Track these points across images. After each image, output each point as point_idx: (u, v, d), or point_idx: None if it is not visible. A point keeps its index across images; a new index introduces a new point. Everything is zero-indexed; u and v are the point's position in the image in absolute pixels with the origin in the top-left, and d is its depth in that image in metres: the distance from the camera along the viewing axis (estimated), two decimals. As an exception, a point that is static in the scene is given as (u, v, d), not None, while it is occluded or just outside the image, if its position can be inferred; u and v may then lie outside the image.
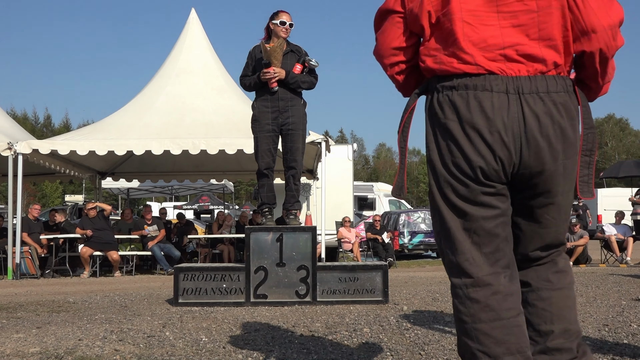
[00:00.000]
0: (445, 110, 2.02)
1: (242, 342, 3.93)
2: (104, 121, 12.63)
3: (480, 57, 1.98)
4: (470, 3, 1.97)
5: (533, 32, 1.98)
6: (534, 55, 1.98)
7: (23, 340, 3.90)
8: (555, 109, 1.99)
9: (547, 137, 1.98)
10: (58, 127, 69.92)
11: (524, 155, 1.99)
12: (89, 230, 11.93)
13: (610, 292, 6.80)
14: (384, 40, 2.15)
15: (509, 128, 1.96)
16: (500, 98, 1.96)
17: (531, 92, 1.98)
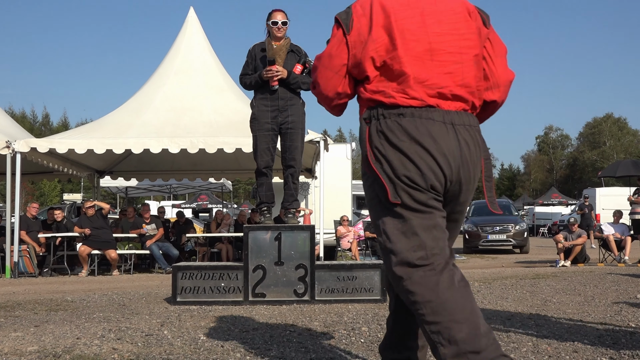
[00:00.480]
0: (397, 133, 2.36)
1: (241, 340, 3.93)
2: (103, 120, 12.62)
3: (423, 94, 2.37)
4: (414, 50, 2.37)
5: (459, 79, 2.41)
6: (460, 96, 2.41)
7: (21, 339, 3.89)
8: (475, 140, 2.44)
9: (473, 161, 2.43)
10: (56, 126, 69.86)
11: (460, 173, 2.40)
12: (87, 229, 11.92)
13: (608, 291, 6.80)
14: (328, 85, 2.52)
15: (451, 151, 2.36)
16: (441, 126, 2.36)
17: (461, 124, 2.40)
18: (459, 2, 2.49)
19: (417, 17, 2.40)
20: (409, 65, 2.36)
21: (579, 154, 77.14)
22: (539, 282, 7.74)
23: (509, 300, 6.01)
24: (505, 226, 19.49)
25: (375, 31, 2.38)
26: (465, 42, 2.44)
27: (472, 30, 2.47)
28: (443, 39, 2.41)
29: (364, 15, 2.41)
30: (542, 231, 35.14)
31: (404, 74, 2.37)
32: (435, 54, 2.39)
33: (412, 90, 2.37)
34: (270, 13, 6.09)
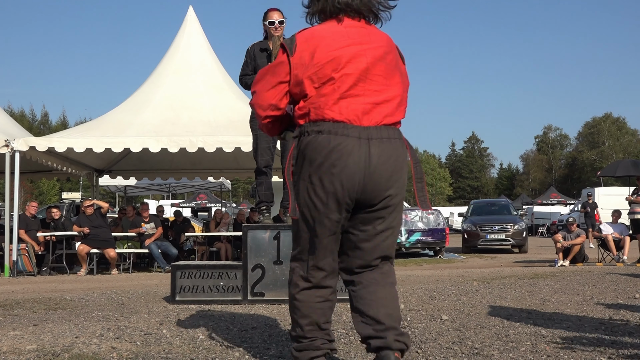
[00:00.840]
0: (313, 147, 2.74)
1: (239, 340, 3.93)
2: (101, 118, 12.62)
3: (346, 110, 2.73)
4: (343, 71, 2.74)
5: (385, 98, 2.80)
6: (383, 112, 2.78)
7: (20, 338, 3.89)
8: (393, 150, 2.78)
9: (386, 172, 2.75)
10: (55, 125, 69.77)
11: (367, 184, 2.73)
12: (86, 228, 11.91)
13: (607, 291, 6.81)
14: (265, 95, 2.86)
15: (357, 163, 2.70)
16: (354, 141, 2.70)
17: (377, 138, 2.74)
18: (387, 40, 2.91)
19: (356, 46, 2.80)
20: (334, 85, 2.75)
21: (577, 153, 77.19)
22: (538, 282, 7.75)
23: (507, 299, 6.01)
24: (504, 226, 19.50)
25: (314, 56, 2.76)
26: (391, 69, 2.88)
27: (395, 60, 2.91)
28: (376, 66, 2.82)
29: (305, 42, 2.79)
30: (541, 231, 35.16)
31: (329, 93, 2.75)
32: (368, 77, 2.80)
33: (336, 108, 2.75)
34: (267, 12, 6.05)
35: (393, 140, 2.80)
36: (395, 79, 2.88)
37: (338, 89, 2.75)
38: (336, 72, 2.75)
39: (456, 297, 6.11)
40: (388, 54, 2.87)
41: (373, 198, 2.77)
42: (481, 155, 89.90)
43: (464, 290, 6.72)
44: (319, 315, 2.88)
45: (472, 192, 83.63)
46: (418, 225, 18.19)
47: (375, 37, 2.87)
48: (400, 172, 2.85)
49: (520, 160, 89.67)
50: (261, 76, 2.90)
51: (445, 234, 18.37)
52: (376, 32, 2.91)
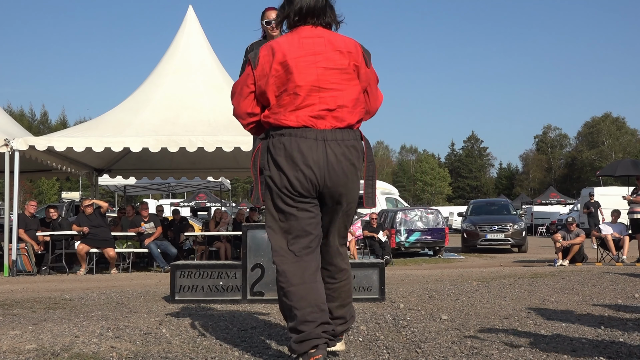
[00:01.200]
0: (277, 149, 3.12)
1: (239, 339, 3.93)
2: (101, 118, 12.62)
3: (303, 117, 3.10)
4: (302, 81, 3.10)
5: (338, 104, 3.14)
6: (336, 117, 3.13)
7: (19, 337, 3.89)
8: (347, 150, 3.13)
9: (341, 168, 3.11)
10: (55, 124, 69.75)
11: (326, 179, 3.10)
12: (85, 227, 11.91)
13: (606, 290, 6.81)
14: (241, 106, 3.27)
15: (316, 162, 3.07)
16: (311, 143, 3.08)
17: (332, 140, 3.11)
18: (344, 45, 3.19)
19: (310, 57, 3.14)
20: (293, 94, 3.12)
21: (577, 153, 77.19)
22: (537, 282, 7.75)
23: (507, 299, 6.02)
24: (504, 225, 19.51)
25: (275, 68, 3.11)
26: (346, 75, 3.19)
27: (352, 68, 3.20)
28: (329, 72, 3.15)
29: (267, 55, 3.15)
30: (540, 230, 35.16)
31: (291, 102, 3.13)
32: (321, 84, 3.13)
33: (294, 114, 3.12)
34: (264, 12, 5.99)
35: (347, 141, 3.16)
36: (351, 83, 3.20)
37: (294, 100, 3.12)
38: (292, 83, 3.11)
39: (455, 297, 6.11)
40: (343, 60, 3.18)
41: (332, 192, 3.16)
42: (481, 155, 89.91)
43: (464, 290, 6.73)
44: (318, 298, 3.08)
45: (472, 191, 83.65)
46: (417, 224, 18.19)
47: (331, 46, 3.19)
48: (352, 170, 3.18)
49: (520, 160, 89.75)
50: (235, 90, 3.30)
51: (445, 233, 18.38)
52: (334, 39, 3.22)
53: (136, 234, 12.67)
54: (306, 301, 3.02)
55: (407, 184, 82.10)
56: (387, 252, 15.32)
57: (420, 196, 79.71)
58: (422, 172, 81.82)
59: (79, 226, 12.04)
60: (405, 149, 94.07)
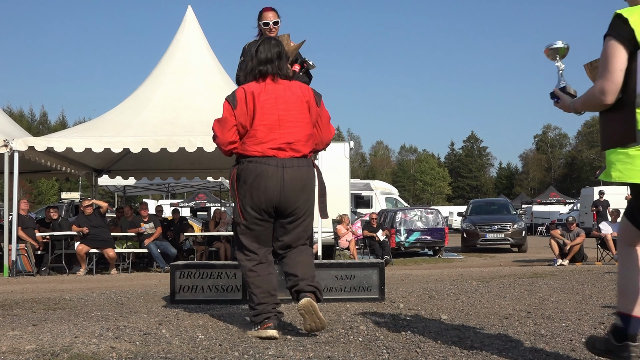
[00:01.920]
0: (247, 173, 4.04)
1: (239, 339, 3.93)
2: (101, 118, 12.62)
3: (267, 149, 4.01)
4: (267, 120, 4.01)
5: (295, 138, 4.05)
6: (293, 149, 4.04)
7: (19, 338, 3.89)
8: (300, 174, 4.05)
9: (294, 190, 4.02)
10: (54, 125, 69.73)
11: (282, 197, 4.01)
12: (85, 228, 11.91)
13: (606, 290, 6.81)
14: (224, 136, 4.10)
15: (276, 184, 3.99)
16: (273, 169, 3.98)
17: (289, 166, 4.01)
18: (299, 91, 4.14)
19: (272, 100, 4.04)
20: (259, 131, 4.01)
21: (577, 152, 77.24)
22: (537, 281, 7.75)
23: (506, 299, 6.02)
24: (503, 225, 19.52)
25: (248, 108, 4.02)
26: (301, 115, 4.09)
27: (305, 108, 4.11)
28: (288, 113, 4.05)
29: (242, 97, 4.06)
30: (540, 230, 35.17)
31: (257, 136, 4.02)
32: (282, 122, 4.03)
33: (260, 147, 4.01)
34: (261, 12, 5.87)
35: (302, 167, 4.07)
36: (304, 121, 4.10)
37: (261, 134, 4.01)
38: (259, 121, 4.01)
39: (455, 297, 6.11)
40: (299, 103, 4.09)
41: (286, 208, 4.05)
42: (480, 155, 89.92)
43: (463, 290, 6.73)
44: (270, 285, 4.11)
45: (472, 191, 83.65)
46: (417, 224, 18.21)
47: (289, 92, 4.11)
48: (306, 189, 4.08)
49: (520, 160, 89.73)
50: (218, 124, 4.15)
51: (445, 233, 18.39)
52: (291, 86, 4.15)
53: (136, 235, 12.66)
54: (261, 289, 4.08)
55: (407, 183, 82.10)
56: (386, 252, 15.32)
57: (420, 196, 79.72)
58: (422, 172, 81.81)
59: (79, 227, 12.04)
60: (405, 149, 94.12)
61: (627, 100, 2.73)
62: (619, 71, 2.72)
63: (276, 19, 5.85)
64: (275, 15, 5.88)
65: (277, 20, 5.85)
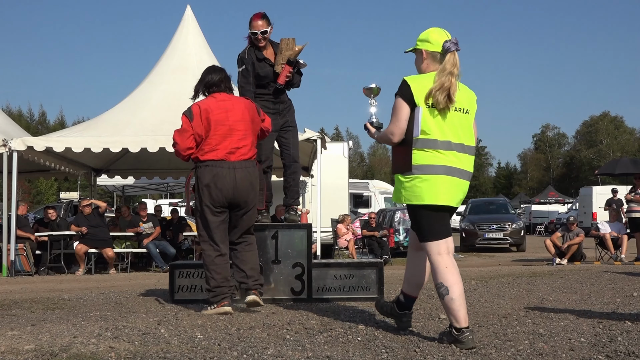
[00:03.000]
0: (205, 175, 4.92)
1: (237, 339, 3.93)
2: (99, 118, 12.61)
3: (220, 154, 4.91)
4: (220, 130, 4.91)
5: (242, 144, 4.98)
6: (242, 153, 4.97)
7: (17, 338, 3.89)
8: (248, 174, 4.97)
9: (245, 186, 4.95)
10: (53, 124, 69.65)
11: (235, 193, 4.93)
12: (84, 228, 11.90)
13: (604, 289, 6.82)
14: (184, 143, 4.96)
15: (229, 183, 4.89)
16: (225, 171, 4.89)
17: (239, 168, 4.93)
18: (244, 105, 5.06)
19: (223, 113, 4.95)
20: (213, 139, 4.90)
21: (575, 152, 77.25)
22: (536, 281, 7.76)
23: (505, 298, 6.02)
24: (502, 224, 19.52)
25: (203, 120, 4.90)
26: (246, 125, 5.01)
27: (250, 119, 5.03)
28: (236, 124, 4.96)
29: (198, 112, 4.93)
30: (539, 229, 35.20)
31: (211, 143, 4.91)
32: (232, 131, 4.94)
33: (214, 153, 4.90)
34: (251, 21, 5.82)
35: (249, 168, 4.99)
36: (249, 131, 5.00)
37: (214, 142, 4.89)
38: (213, 131, 4.89)
39: (454, 296, 6.10)
40: (245, 115, 4.99)
41: (239, 202, 4.96)
42: (479, 154, 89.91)
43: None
44: (226, 271, 4.98)
45: (470, 190, 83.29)
46: (416, 224, 18.18)
47: (236, 105, 5.01)
48: (253, 186, 5.01)
49: (518, 159, 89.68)
50: (178, 134, 4.98)
51: (444, 232, 18.36)
52: (237, 100, 5.09)
53: (135, 234, 12.65)
54: (221, 275, 4.93)
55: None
56: (385, 251, 15.32)
57: (419, 196, 79.62)
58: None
59: (78, 226, 12.04)
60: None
61: (408, 141, 3.74)
62: (403, 120, 3.74)
63: (265, 29, 5.78)
64: (265, 23, 5.79)
65: (265, 30, 5.79)
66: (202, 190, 4.90)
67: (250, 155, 5.02)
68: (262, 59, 5.92)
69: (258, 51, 5.91)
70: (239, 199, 4.94)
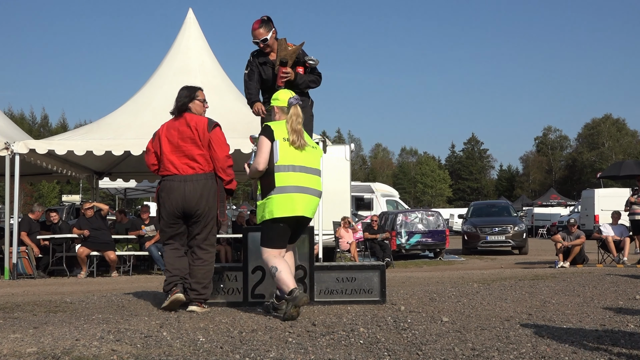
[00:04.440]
0: (162, 188, 5.41)
1: (240, 342, 3.93)
2: (101, 121, 12.61)
3: (172, 168, 5.35)
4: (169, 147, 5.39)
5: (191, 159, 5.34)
6: (192, 167, 5.34)
7: (20, 340, 3.89)
8: (198, 186, 5.30)
9: (194, 198, 5.28)
10: (55, 127, 69.72)
11: (185, 205, 5.29)
12: (86, 230, 11.90)
13: (607, 292, 6.81)
14: (148, 160, 5.54)
15: (179, 195, 5.29)
16: (177, 183, 5.31)
17: (189, 180, 5.30)
18: (192, 122, 5.41)
19: (175, 131, 5.41)
20: (165, 156, 5.38)
21: (577, 155, 77.18)
22: (538, 283, 7.75)
23: (508, 301, 6.01)
24: (504, 227, 19.50)
25: (157, 140, 5.47)
26: (193, 140, 5.36)
27: (196, 135, 5.35)
28: (184, 141, 5.36)
29: (156, 134, 5.52)
30: (541, 232, 35.15)
31: (164, 161, 5.40)
32: (180, 147, 5.35)
33: (168, 168, 5.37)
34: (252, 29, 5.90)
35: (199, 180, 5.31)
36: (196, 145, 5.33)
37: (166, 158, 5.37)
38: (165, 149, 5.38)
39: (456, 299, 6.11)
40: (192, 132, 5.35)
41: (189, 212, 5.31)
42: (481, 157, 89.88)
43: (464, 292, 6.72)
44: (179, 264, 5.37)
45: (472, 193, 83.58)
46: (418, 227, 18.20)
47: (185, 123, 5.41)
48: (202, 198, 5.29)
49: (520, 162, 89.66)
50: (145, 153, 5.61)
51: (446, 235, 18.38)
52: (187, 119, 5.45)
53: (136, 237, 12.66)
54: (173, 266, 5.36)
55: (408, 186, 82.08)
56: (387, 254, 15.31)
57: (421, 198, 79.71)
58: (423, 174, 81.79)
59: (80, 229, 12.04)
60: (406, 151, 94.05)
61: (271, 170, 4.93)
62: (266, 153, 4.93)
63: (264, 37, 5.84)
64: (264, 31, 5.86)
65: (265, 38, 5.84)
66: (161, 202, 5.41)
67: (202, 168, 5.33)
68: (264, 63, 5.97)
69: (262, 56, 5.97)
70: (189, 210, 5.28)
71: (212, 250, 5.46)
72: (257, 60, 6.01)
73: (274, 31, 5.92)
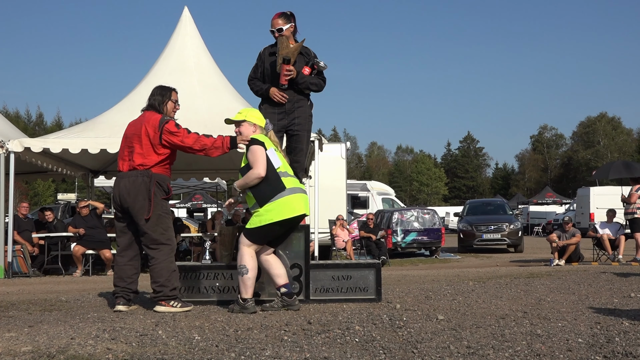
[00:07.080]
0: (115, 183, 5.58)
1: (235, 340, 3.93)
2: (97, 119, 12.58)
3: (120, 164, 5.50)
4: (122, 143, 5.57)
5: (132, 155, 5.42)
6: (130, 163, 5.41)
7: (15, 339, 3.88)
8: (134, 182, 5.34)
9: (125, 194, 5.36)
10: (50, 126, 69.54)
11: (122, 201, 5.38)
12: (81, 229, 11.88)
13: (602, 290, 6.83)
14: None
15: (117, 191, 5.41)
16: (117, 180, 5.50)
17: (124, 177, 5.40)
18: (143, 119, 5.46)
19: (131, 127, 5.53)
20: (121, 151, 5.54)
21: (573, 153, 77.35)
22: (534, 281, 7.77)
23: (503, 299, 6.03)
24: (500, 225, 19.54)
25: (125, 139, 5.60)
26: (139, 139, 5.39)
27: (144, 133, 5.38)
28: (132, 138, 5.43)
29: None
30: (536, 230, 35.23)
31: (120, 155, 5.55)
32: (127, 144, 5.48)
33: (120, 163, 5.50)
34: (272, 19, 6.07)
35: (131, 177, 5.36)
36: (140, 142, 5.37)
37: (121, 154, 5.52)
38: (122, 144, 5.55)
39: (452, 297, 6.12)
40: (147, 129, 5.36)
41: (125, 208, 5.38)
42: (477, 155, 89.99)
43: (460, 290, 6.73)
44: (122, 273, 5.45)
45: (468, 191, 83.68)
46: (414, 225, 18.22)
47: (138, 121, 5.49)
48: (131, 193, 5.32)
49: (516, 160, 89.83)
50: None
51: (441, 233, 18.40)
52: (146, 117, 5.47)
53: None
54: (117, 275, 5.46)
55: (404, 184, 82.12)
56: (383, 252, 15.33)
57: (417, 196, 79.73)
58: (418, 173, 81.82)
59: (75, 228, 12.01)
60: (402, 149, 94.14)
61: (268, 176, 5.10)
62: (265, 160, 5.11)
63: (280, 27, 5.98)
64: (283, 21, 6.06)
65: (281, 28, 5.95)
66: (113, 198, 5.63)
67: (141, 164, 5.36)
68: (273, 53, 6.05)
69: (275, 46, 6.05)
70: (124, 205, 5.40)
71: (164, 248, 5.36)
72: (266, 51, 6.10)
73: (292, 26, 6.03)
